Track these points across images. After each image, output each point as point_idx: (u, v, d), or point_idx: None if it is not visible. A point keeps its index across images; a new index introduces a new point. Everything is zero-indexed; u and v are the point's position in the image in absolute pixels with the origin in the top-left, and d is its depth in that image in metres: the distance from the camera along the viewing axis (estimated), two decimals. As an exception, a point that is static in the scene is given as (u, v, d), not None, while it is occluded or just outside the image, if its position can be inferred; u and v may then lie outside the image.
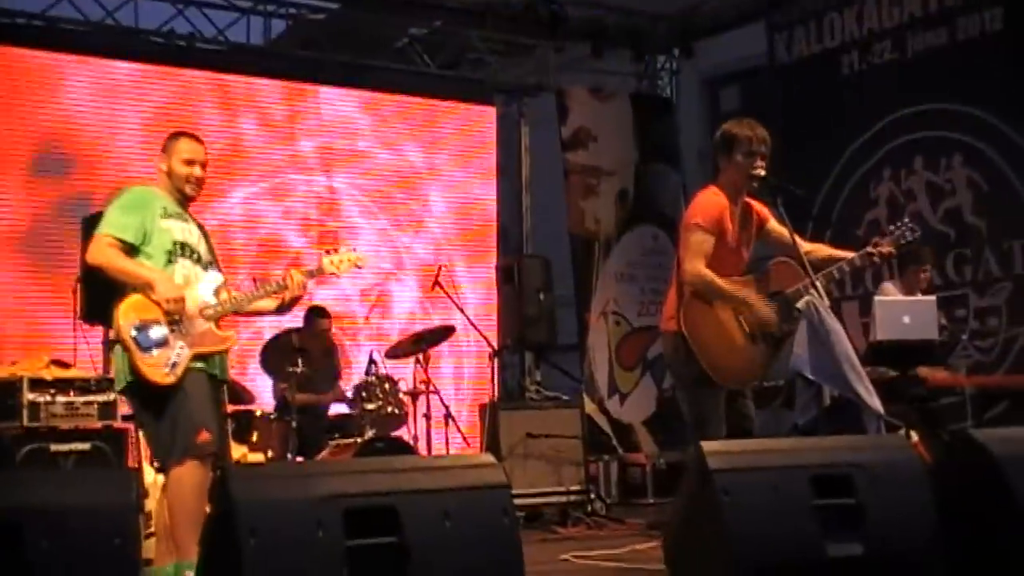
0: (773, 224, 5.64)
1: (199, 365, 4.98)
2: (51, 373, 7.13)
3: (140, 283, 4.94)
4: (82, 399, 7.05)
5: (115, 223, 5.03)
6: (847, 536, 3.78)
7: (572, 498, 8.50)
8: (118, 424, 7.11)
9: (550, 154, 11.97)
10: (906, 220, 5.73)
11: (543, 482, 8.47)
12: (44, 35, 9.61)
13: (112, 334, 5.05)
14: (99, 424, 7.06)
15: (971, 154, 9.50)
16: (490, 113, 11.92)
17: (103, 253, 5.00)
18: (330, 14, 11.26)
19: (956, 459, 4.25)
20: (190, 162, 5.22)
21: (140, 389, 4.95)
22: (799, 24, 10.97)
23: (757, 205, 5.65)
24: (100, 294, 7.66)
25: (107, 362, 7.80)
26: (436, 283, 9.15)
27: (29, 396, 6.94)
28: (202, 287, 5.13)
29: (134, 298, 4.94)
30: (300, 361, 7.91)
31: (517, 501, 4.24)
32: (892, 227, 5.68)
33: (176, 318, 4.92)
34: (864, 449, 4.06)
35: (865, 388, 5.31)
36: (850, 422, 5.92)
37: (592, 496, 8.67)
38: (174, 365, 4.87)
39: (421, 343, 8.58)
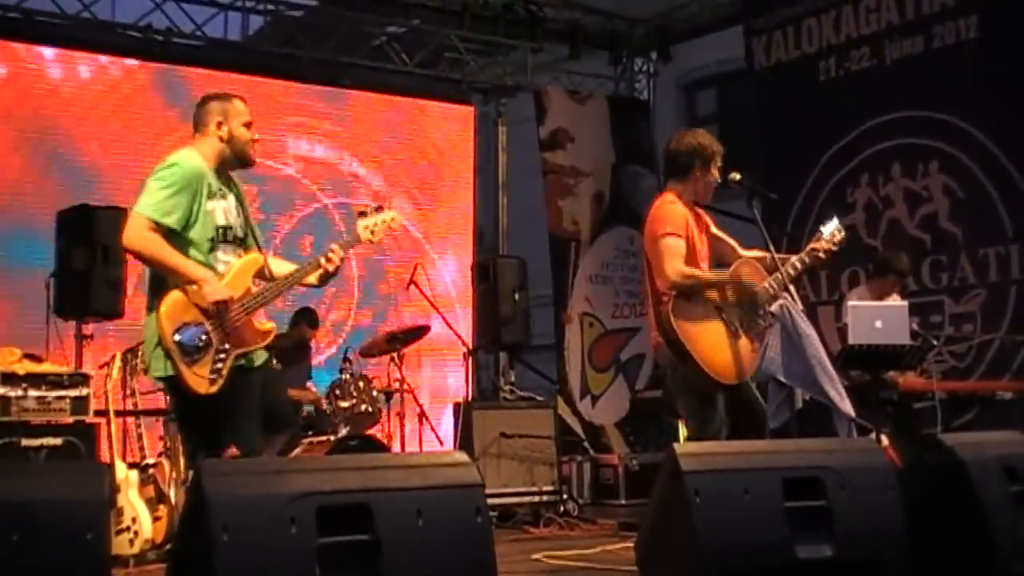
0: (714, 229, 5.68)
1: (239, 364, 4.70)
2: (23, 367, 7.07)
3: (179, 276, 4.59)
4: (54, 394, 7.00)
5: (159, 204, 4.58)
6: (817, 538, 3.81)
7: (545, 498, 8.52)
8: (90, 419, 7.07)
9: (527, 154, 11.99)
10: (833, 221, 5.70)
11: (516, 482, 8.48)
12: (20, 27, 9.56)
13: (152, 335, 4.63)
14: (71, 419, 7.01)
15: (947, 161, 9.56)
16: (468, 112, 11.93)
17: (144, 240, 4.57)
18: (308, 11, 11.24)
19: (925, 462, 4.29)
20: (249, 124, 4.88)
21: (179, 388, 4.65)
22: (777, 29, 11.02)
23: (700, 212, 5.68)
24: (73, 288, 7.69)
25: (79, 356, 7.77)
26: (412, 282, 9.16)
27: (0, 390, 6.89)
28: (242, 275, 4.78)
29: (175, 297, 4.59)
30: (273, 358, 7.87)
31: (490, 500, 4.24)
32: (822, 227, 5.65)
33: (222, 318, 4.61)
34: (835, 452, 4.09)
35: (837, 392, 5.35)
36: (822, 425, 5.96)
37: (564, 496, 8.68)
38: (218, 371, 4.59)
39: (395, 342, 8.57)
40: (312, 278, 4.97)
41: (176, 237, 4.62)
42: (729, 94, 15.36)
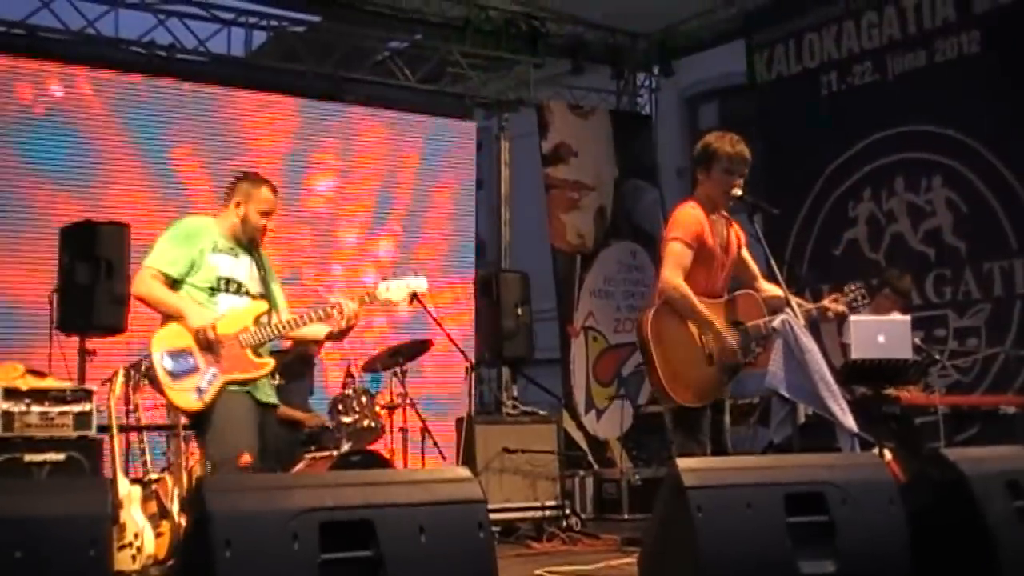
0: (745, 252, 5.66)
1: (238, 389, 5.12)
2: (26, 383, 7.07)
3: (172, 312, 5.13)
4: (57, 409, 7.00)
5: (163, 257, 5.20)
6: (819, 553, 3.80)
7: (547, 513, 8.50)
8: (93, 434, 7.07)
9: (529, 169, 12.00)
10: (859, 285, 5.75)
11: (519, 497, 8.47)
12: (24, 43, 9.58)
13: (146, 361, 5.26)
14: (74, 434, 7.01)
15: (951, 175, 9.57)
16: (470, 127, 11.94)
17: (146, 285, 5.18)
18: (311, 27, 11.26)
19: (928, 477, 4.28)
20: (266, 213, 5.35)
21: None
22: (779, 43, 11.04)
23: (738, 228, 5.65)
24: (76, 303, 7.70)
25: (82, 372, 7.77)
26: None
27: (3, 406, 6.87)
28: (242, 314, 5.23)
29: (168, 327, 5.13)
30: (278, 374, 7.86)
31: (492, 516, 4.23)
32: (848, 289, 5.71)
33: (209, 346, 5.07)
34: (837, 467, 4.07)
35: (839, 406, 5.32)
36: (824, 440, 5.94)
37: (567, 511, 8.66)
38: (201, 391, 5.03)
39: (398, 356, 8.55)
40: (320, 330, 5.44)
41: (179, 283, 5.21)
42: (731, 108, 15.38)
